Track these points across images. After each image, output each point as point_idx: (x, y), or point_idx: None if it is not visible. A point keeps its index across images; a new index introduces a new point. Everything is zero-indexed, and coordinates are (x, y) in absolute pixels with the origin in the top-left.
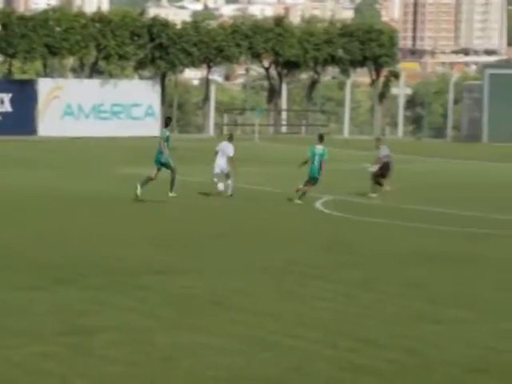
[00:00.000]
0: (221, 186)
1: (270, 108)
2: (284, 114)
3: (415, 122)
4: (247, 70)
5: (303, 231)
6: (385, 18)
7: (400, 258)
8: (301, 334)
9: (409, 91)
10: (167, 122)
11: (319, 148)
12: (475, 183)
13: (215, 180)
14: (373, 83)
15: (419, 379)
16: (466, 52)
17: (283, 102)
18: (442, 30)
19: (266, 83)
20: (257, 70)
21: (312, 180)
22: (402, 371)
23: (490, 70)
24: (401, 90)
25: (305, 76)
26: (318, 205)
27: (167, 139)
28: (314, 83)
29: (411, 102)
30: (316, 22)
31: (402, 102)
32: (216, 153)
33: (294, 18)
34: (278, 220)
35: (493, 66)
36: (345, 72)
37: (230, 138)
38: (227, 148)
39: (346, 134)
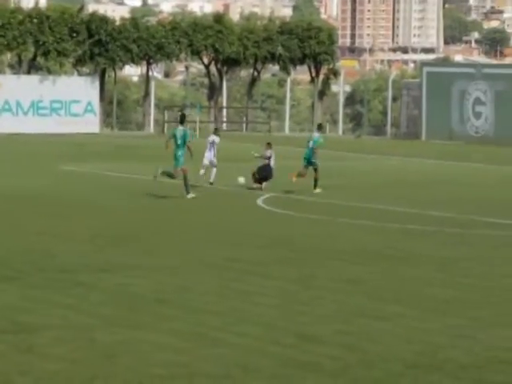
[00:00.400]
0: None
1: (210, 105)
2: (224, 111)
3: (355, 120)
4: (187, 67)
5: (245, 228)
6: (323, 16)
7: (341, 255)
8: (243, 330)
9: (348, 89)
10: (182, 119)
11: (316, 135)
12: (414, 180)
13: (202, 171)
14: (312, 81)
15: (360, 375)
16: (404, 50)
17: (223, 99)
18: (380, 27)
19: (206, 80)
20: (197, 67)
21: (307, 164)
22: (344, 367)
23: (427, 68)
24: (340, 88)
25: (245, 73)
26: (260, 202)
27: (184, 136)
28: (254, 80)
29: (350, 100)
30: (255, 20)
31: (341, 99)
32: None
33: (234, 15)
34: (220, 217)
35: (430, 64)
36: (285, 69)
37: (217, 132)
38: (215, 141)
39: (286, 131)
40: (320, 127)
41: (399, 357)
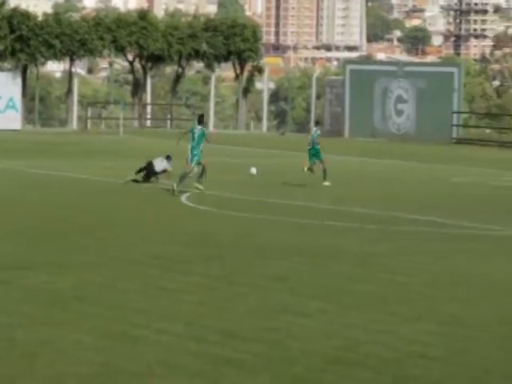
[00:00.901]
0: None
1: (134, 102)
2: (149, 108)
3: (279, 117)
4: (111, 63)
5: (168, 225)
6: (248, 13)
7: (263, 251)
8: (165, 327)
9: (272, 86)
10: (200, 119)
11: (314, 130)
12: (336, 177)
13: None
14: (237, 78)
15: (282, 371)
16: (327, 48)
17: (148, 96)
18: (304, 25)
19: (130, 77)
20: (121, 63)
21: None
22: (266, 363)
23: (350, 65)
24: (265, 85)
25: (169, 70)
26: (183, 199)
27: (201, 136)
28: (178, 77)
29: (275, 97)
30: (180, 16)
31: (265, 96)
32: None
33: (158, 12)
34: (143, 214)
35: (353, 62)
36: (209, 66)
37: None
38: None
39: (211, 128)
40: (317, 123)
41: (321, 352)
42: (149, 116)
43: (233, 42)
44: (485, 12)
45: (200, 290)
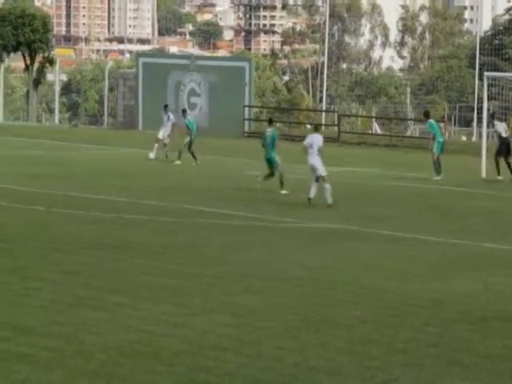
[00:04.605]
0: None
1: None
2: None
3: (71, 109)
4: None
5: None
6: (37, 3)
7: (56, 245)
8: None
9: (64, 78)
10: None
11: (269, 130)
12: (129, 170)
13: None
14: (27, 69)
15: (77, 366)
16: (120, 40)
17: None
18: (96, 17)
19: None
20: None
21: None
22: (59, 358)
23: (143, 58)
24: (56, 77)
25: None
26: None
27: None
28: None
29: (67, 89)
30: None
31: (57, 88)
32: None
33: None
34: None
35: (146, 54)
36: None
37: (166, 108)
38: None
39: (1, 119)
40: (270, 121)
41: (117, 346)
42: None
43: (22, 33)
44: (273, 8)
45: None
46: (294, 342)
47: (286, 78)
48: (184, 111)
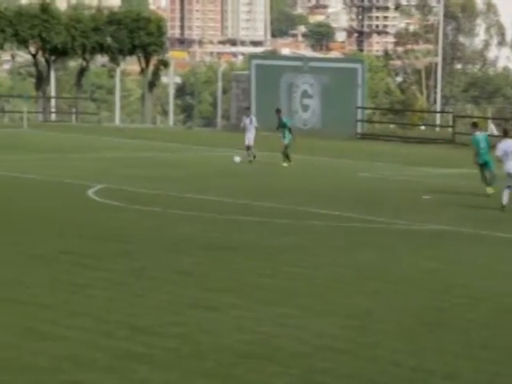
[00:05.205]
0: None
1: (38, 95)
2: (53, 102)
3: (186, 111)
4: (13, 56)
5: (75, 220)
6: (152, 7)
7: (172, 246)
8: (74, 323)
9: (178, 80)
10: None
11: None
12: (243, 172)
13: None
14: (142, 72)
15: (193, 366)
16: (233, 42)
17: (52, 89)
18: (209, 19)
19: (33, 70)
20: (23, 56)
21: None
22: (176, 359)
23: (256, 60)
24: (170, 79)
25: (74, 63)
26: (90, 193)
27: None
28: (82, 71)
29: (181, 91)
30: (83, 9)
31: (171, 90)
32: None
33: (61, 4)
34: (49, 208)
35: (259, 56)
36: (114, 60)
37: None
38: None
39: (117, 121)
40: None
41: (231, 347)
42: (53, 109)
43: (137, 36)
44: (386, 9)
45: (109, 285)
46: (409, 345)
47: (399, 78)
48: (278, 111)
